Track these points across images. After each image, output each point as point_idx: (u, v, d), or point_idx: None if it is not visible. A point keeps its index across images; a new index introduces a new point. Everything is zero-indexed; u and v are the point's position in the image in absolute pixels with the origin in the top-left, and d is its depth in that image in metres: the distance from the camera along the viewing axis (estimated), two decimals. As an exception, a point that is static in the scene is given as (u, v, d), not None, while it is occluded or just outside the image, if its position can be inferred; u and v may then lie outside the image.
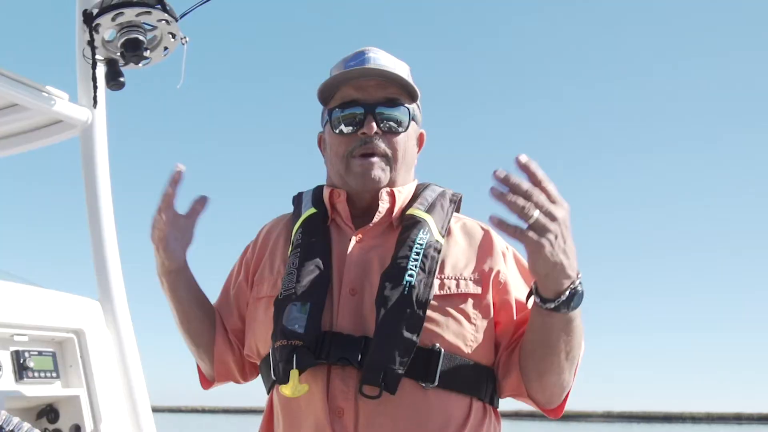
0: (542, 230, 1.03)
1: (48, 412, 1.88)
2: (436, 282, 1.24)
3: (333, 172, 1.39)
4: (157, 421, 2.09)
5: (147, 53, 1.94)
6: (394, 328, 1.18)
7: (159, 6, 1.87)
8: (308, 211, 1.39)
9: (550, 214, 1.04)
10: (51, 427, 1.88)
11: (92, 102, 2.10)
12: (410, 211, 1.33)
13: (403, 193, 1.37)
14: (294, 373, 1.18)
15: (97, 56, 1.94)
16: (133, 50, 1.90)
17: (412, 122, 1.37)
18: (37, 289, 1.95)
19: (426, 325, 1.20)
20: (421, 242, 1.26)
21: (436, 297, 1.23)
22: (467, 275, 1.28)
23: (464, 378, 1.23)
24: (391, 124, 1.33)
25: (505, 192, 1.02)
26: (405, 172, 1.38)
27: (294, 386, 1.17)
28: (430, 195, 1.38)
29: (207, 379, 1.51)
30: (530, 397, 1.27)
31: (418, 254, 1.24)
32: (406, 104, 1.35)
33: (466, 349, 1.23)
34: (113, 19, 1.86)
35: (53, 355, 1.90)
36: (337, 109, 1.35)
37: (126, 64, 1.95)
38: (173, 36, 1.95)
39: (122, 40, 1.90)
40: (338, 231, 1.36)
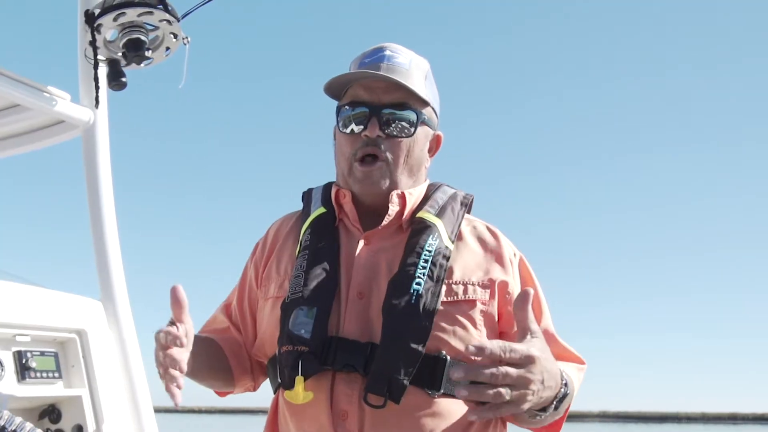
0: (521, 398, 1.07)
1: (50, 412, 1.88)
2: (444, 288, 1.23)
3: (339, 170, 1.38)
4: (159, 422, 2.09)
5: (149, 53, 1.94)
6: (401, 337, 1.17)
7: (161, 6, 1.87)
8: (317, 211, 1.38)
9: (522, 380, 1.05)
10: (53, 427, 1.88)
11: (94, 102, 2.10)
12: (420, 214, 1.32)
13: (414, 196, 1.35)
14: (299, 379, 1.18)
15: (99, 56, 1.95)
16: (135, 50, 1.90)
17: (423, 126, 1.34)
18: (39, 289, 1.95)
19: (432, 331, 1.19)
20: (429, 249, 1.24)
21: (443, 303, 1.22)
22: (475, 281, 1.27)
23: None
24: (398, 127, 1.31)
25: (470, 387, 1.05)
26: (408, 175, 1.35)
27: (299, 393, 1.18)
28: (441, 197, 1.36)
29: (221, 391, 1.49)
30: None
31: (426, 261, 1.23)
32: (416, 107, 1.32)
33: (472, 356, 1.23)
34: (115, 20, 1.86)
35: (55, 355, 1.90)
36: (345, 108, 1.34)
37: (128, 64, 1.95)
38: (175, 36, 1.95)
39: (124, 40, 1.90)
40: (346, 232, 1.35)
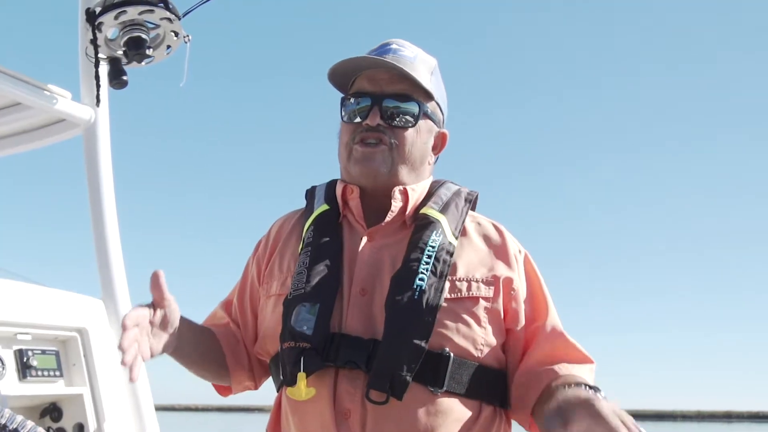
0: None
1: (51, 410, 1.89)
2: (447, 284, 1.22)
3: (341, 162, 1.37)
4: (160, 420, 2.09)
5: (150, 52, 1.94)
6: (404, 333, 1.17)
7: (162, 4, 1.87)
8: (320, 208, 1.36)
9: None
10: (54, 425, 1.88)
11: (95, 101, 2.10)
12: (424, 210, 1.31)
13: (417, 191, 1.34)
14: (301, 376, 1.17)
15: (100, 55, 1.95)
16: (136, 49, 1.90)
17: (426, 120, 1.33)
18: (40, 288, 1.95)
19: (436, 328, 1.18)
20: (433, 244, 1.23)
21: (446, 300, 1.21)
22: (479, 277, 1.26)
23: (473, 382, 1.21)
24: (400, 117, 1.29)
25: None
26: (410, 169, 1.33)
27: (301, 390, 1.17)
28: (444, 193, 1.35)
29: (224, 388, 1.48)
30: None
31: (430, 257, 1.22)
32: (419, 100, 1.31)
33: (475, 353, 1.22)
34: (116, 18, 1.86)
35: (56, 353, 1.90)
36: (348, 100, 1.33)
37: (129, 62, 1.95)
38: (176, 34, 1.95)
39: (125, 38, 1.90)
40: (350, 229, 1.33)
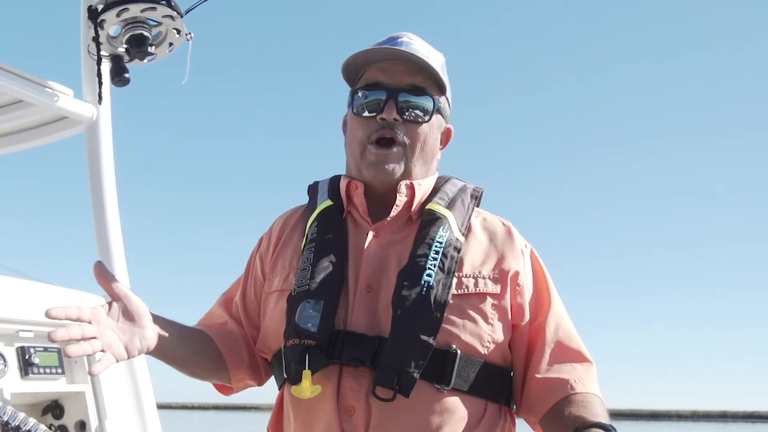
0: None
1: (53, 408, 1.88)
2: (454, 280, 1.21)
3: (350, 157, 1.34)
4: (162, 418, 2.09)
5: (152, 49, 1.94)
6: (411, 329, 1.15)
7: (164, 2, 1.87)
8: (324, 204, 1.34)
9: None
10: (56, 423, 1.88)
11: (97, 98, 2.10)
12: (430, 206, 1.29)
13: (423, 187, 1.32)
14: (306, 374, 1.15)
15: (102, 52, 1.94)
16: (138, 46, 1.90)
17: (437, 115, 1.31)
18: (42, 285, 1.95)
19: (443, 325, 1.17)
20: (440, 240, 1.22)
21: (453, 296, 1.20)
22: (486, 273, 1.25)
23: (479, 380, 1.20)
24: (415, 112, 1.27)
25: None
26: (422, 165, 1.32)
27: (306, 387, 1.15)
28: (450, 189, 1.34)
29: (225, 387, 1.45)
30: None
31: (437, 253, 1.20)
32: (433, 94, 1.30)
33: (482, 350, 1.20)
34: (118, 15, 1.86)
35: (58, 351, 1.90)
36: (360, 92, 1.30)
37: (131, 60, 1.95)
38: (178, 32, 1.95)
39: (127, 36, 1.90)
40: (354, 224, 1.32)
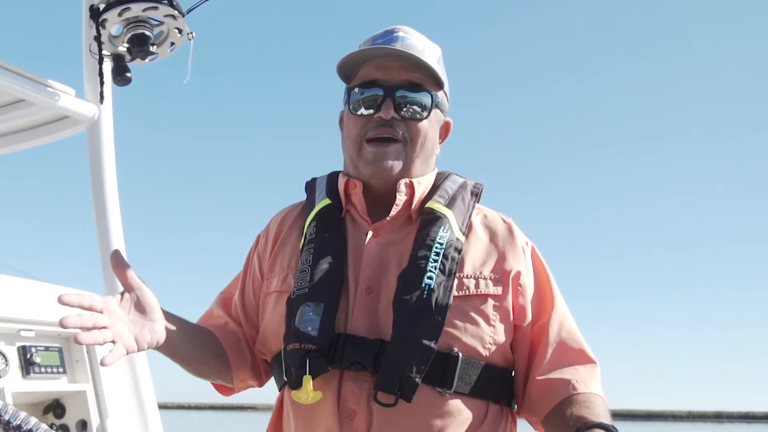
0: None
1: (54, 407, 1.89)
2: (455, 282, 1.19)
3: (347, 155, 1.33)
4: (163, 418, 2.09)
5: (153, 48, 1.94)
6: (412, 333, 1.14)
7: (166, 1, 1.87)
8: (322, 203, 1.32)
9: None
10: (57, 422, 1.88)
11: (99, 97, 2.10)
12: (429, 205, 1.27)
13: (422, 185, 1.30)
14: (307, 379, 1.14)
15: (104, 52, 1.94)
16: (140, 46, 1.90)
17: (436, 110, 1.29)
18: (43, 284, 1.95)
19: (444, 328, 1.15)
20: (441, 241, 1.20)
21: (454, 298, 1.18)
22: (487, 274, 1.23)
23: (481, 382, 1.19)
24: (412, 109, 1.26)
25: None
26: (422, 161, 1.30)
27: (308, 393, 1.14)
28: (450, 187, 1.32)
29: (226, 388, 1.44)
30: None
31: (438, 254, 1.19)
32: (431, 90, 1.28)
33: (483, 352, 1.19)
34: (120, 15, 1.86)
35: (60, 350, 1.90)
36: (356, 89, 1.28)
37: (132, 59, 1.95)
38: (180, 31, 1.95)
39: (129, 35, 1.90)
40: (353, 224, 1.30)
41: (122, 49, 1.95)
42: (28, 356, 1.80)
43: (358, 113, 1.27)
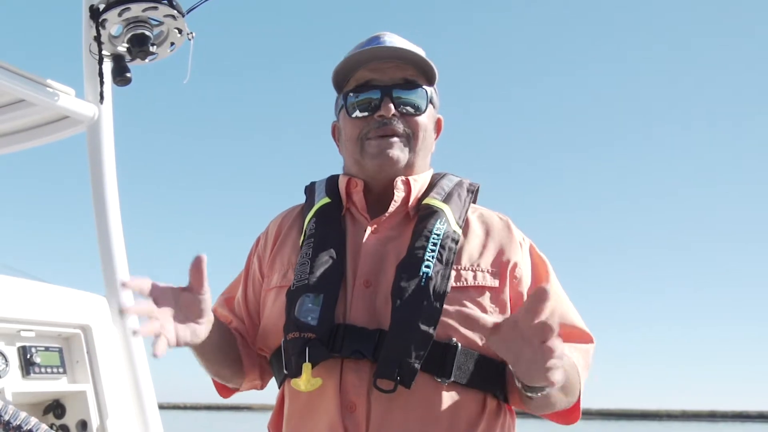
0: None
1: (54, 407, 1.89)
2: (453, 273, 1.21)
3: (348, 158, 1.35)
4: (163, 418, 2.09)
5: (153, 49, 1.95)
6: (411, 320, 1.15)
7: (165, 2, 1.87)
8: (322, 201, 1.34)
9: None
10: (57, 422, 1.88)
11: (99, 98, 2.10)
12: (427, 201, 1.29)
13: (419, 182, 1.33)
14: (307, 366, 1.15)
15: (104, 52, 1.95)
16: (140, 46, 1.91)
17: (430, 106, 1.32)
18: (43, 284, 1.95)
19: (442, 317, 1.17)
20: (438, 233, 1.23)
21: (452, 288, 1.20)
22: (484, 267, 1.25)
23: (479, 373, 1.20)
24: (410, 105, 1.29)
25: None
26: (423, 156, 1.33)
27: (307, 380, 1.15)
28: (446, 184, 1.34)
29: (226, 389, 1.45)
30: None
31: (435, 245, 1.21)
32: (424, 86, 1.31)
33: (481, 343, 1.19)
34: (120, 15, 1.86)
35: (60, 350, 1.91)
36: (352, 93, 1.30)
37: (132, 59, 1.95)
38: (180, 31, 1.95)
39: (129, 35, 1.91)
40: (353, 221, 1.32)
41: (122, 49, 1.95)
42: (28, 356, 1.80)
43: (357, 116, 1.30)
